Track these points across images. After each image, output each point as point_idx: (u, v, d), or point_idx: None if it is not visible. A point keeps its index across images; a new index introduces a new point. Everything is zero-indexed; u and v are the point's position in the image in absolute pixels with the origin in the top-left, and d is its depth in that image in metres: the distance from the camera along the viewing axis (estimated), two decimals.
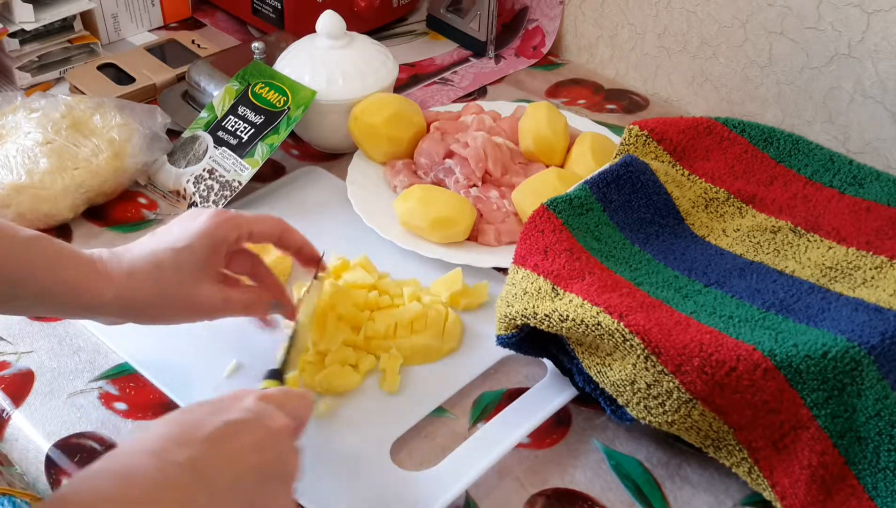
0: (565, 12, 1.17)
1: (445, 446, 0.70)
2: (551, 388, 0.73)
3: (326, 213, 0.91)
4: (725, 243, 0.76)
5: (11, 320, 0.80)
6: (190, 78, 1.01)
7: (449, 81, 1.13)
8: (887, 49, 0.90)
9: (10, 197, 0.86)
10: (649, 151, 0.81)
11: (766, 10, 0.98)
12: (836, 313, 0.67)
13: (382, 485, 0.67)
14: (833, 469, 0.63)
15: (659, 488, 0.68)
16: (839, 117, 0.97)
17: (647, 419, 0.66)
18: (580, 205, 0.75)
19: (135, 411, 0.73)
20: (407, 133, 0.94)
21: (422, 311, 0.76)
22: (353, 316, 0.76)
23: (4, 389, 0.74)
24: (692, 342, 0.63)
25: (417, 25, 1.25)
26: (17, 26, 1.05)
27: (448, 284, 0.80)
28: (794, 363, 0.62)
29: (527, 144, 0.93)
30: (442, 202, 0.85)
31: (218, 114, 0.94)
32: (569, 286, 0.68)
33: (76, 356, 0.77)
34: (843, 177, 0.79)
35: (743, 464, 0.65)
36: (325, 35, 0.95)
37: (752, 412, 0.63)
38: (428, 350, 0.76)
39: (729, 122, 0.83)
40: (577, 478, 0.69)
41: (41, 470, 0.70)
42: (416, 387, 0.74)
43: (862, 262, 0.72)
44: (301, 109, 0.92)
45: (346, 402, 0.73)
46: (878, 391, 0.63)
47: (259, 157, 0.90)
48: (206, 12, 1.25)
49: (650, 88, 1.13)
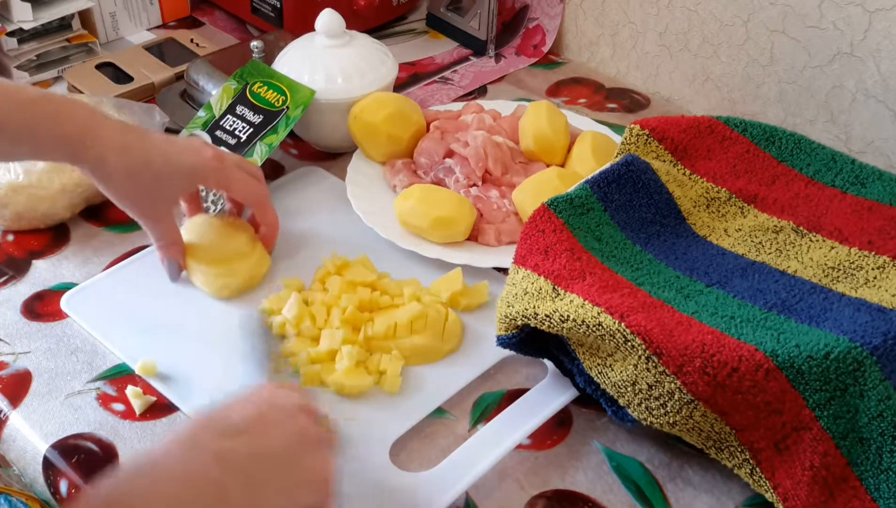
0: (566, 11, 1.16)
1: (445, 447, 0.70)
2: (551, 389, 0.73)
3: (326, 213, 0.90)
4: (727, 243, 0.76)
5: (9, 320, 0.80)
6: (188, 77, 1.01)
7: (449, 80, 1.13)
8: (889, 48, 0.90)
9: (7, 197, 0.85)
10: (650, 150, 0.81)
11: (768, 8, 0.97)
12: (839, 313, 0.67)
13: (382, 486, 0.66)
14: (835, 470, 0.63)
15: (660, 489, 0.68)
16: (841, 116, 0.97)
17: (649, 421, 0.66)
18: (581, 205, 0.74)
19: (132, 412, 0.72)
20: (407, 132, 0.94)
21: (422, 311, 0.76)
22: (354, 316, 0.76)
23: (2, 390, 0.74)
24: (694, 342, 0.62)
25: (417, 24, 1.25)
26: (16, 25, 1.04)
27: (448, 284, 0.80)
28: (797, 364, 0.62)
29: (527, 143, 0.92)
30: (442, 202, 0.85)
31: (216, 113, 0.93)
32: (569, 287, 0.68)
33: (74, 356, 0.77)
34: (845, 177, 0.79)
35: (745, 465, 0.65)
36: (324, 34, 0.95)
37: (754, 413, 0.63)
38: (428, 351, 0.75)
39: (730, 121, 0.83)
40: (578, 480, 0.68)
41: (38, 471, 0.70)
42: (416, 388, 0.74)
43: (864, 262, 0.72)
44: (300, 109, 0.91)
45: (346, 401, 0.72)
46: (880, 391, 0.63)
47: (258, 156, 0.90)
48: (204, 11, 1.25)
49: (651, 86, 1.12)
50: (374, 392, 0.73)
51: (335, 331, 0.75)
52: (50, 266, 0.85)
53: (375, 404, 0.72)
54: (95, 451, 0.70)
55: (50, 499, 0.70)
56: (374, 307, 0.78)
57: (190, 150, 0.78)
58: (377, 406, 0.72)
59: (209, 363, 0.75)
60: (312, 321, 0.76)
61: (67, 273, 0.84)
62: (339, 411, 0.71)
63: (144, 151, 0.75)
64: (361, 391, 0.73)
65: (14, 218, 0.87)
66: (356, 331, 0.76)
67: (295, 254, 0.86)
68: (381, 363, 0.74)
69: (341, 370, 0.73)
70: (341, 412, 0.71)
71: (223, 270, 0.80)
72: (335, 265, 0.81)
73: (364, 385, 0.73)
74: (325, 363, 0.74)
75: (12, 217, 0.87)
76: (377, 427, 0.70)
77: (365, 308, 0.77)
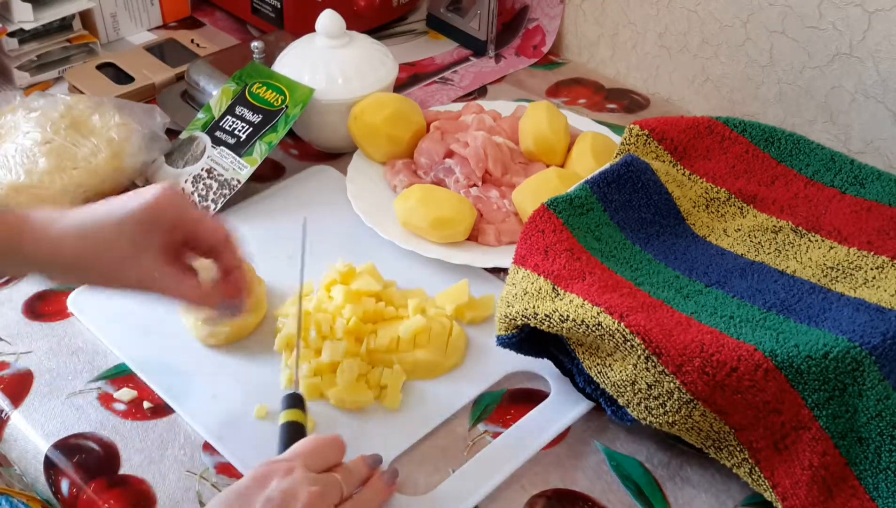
0: (566, 11, 1.17)
1: (445, 447, 0.70)
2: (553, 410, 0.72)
3: (328, 214, 0.90)
4: (726, 243, 0.76)
5: (10, 320, 0.80)
6: (189, 77, 1.01)
7: (449, 81, 1.13)
8: (889, 49, 0.90)
9: (8, 197, 0.85)
10: (650, 150, 0.81)
11: (768, 9, 0.97)
12: (838, 313, 0.67)
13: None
14: (834, 469, 0.63)
15: (660, 489, 0.68)
16: (840, 117, 0.97)
17: (648, 420, 0.66)
18: (581, 205, 0.74)
19: (133, 411, 0.72)
20: (407, 133, 0.94)
21: (425, 325, 0.74)
22: (357, 327, 0.75)
23: (3, 389, 0.74)
24: (693, 342, 0.62)
25: (417, 25, 1.25)
26: (16, 26, 1.05)
27: (454, 296, 0.79)
28: (796, 364, 0.62)
29: (527, 143, 0.92)
30: (442, 202, 0.85)
31: (215, 115, 0.94)
32: (569, 287, 0.68)
33: (75, 356, 0.77)
34: (844, 177, 0.79)
35: (744, 465, 0.65)
36: (324, 34, 0.95)
37: (753, 413, 0.63)
38: (430, 365, 0.74)
39: (730, 121, 0.83)
40: (578, 479, 0.68)
41: (40, 471, 0.70)
42: (416, 404, 0.73)
43: (863, 262, 0.72)
44: (299, 107, 0.92)
45: (344, 417, 0.72)
46: (879, 391, 0.63)
47: (258, 155, 0.90)
48: (205, 12, 1.25)
49: (651, 87, 1.13)
50: (373, 408, 0.72)
51: (337, 343, 0.74)
52: None
53: (374, 419, 0.72)
54: (97, 451, 0.70)
55: (51, 499, 0.70)
56: (377, 319, 0.77)
57: (134, 195, 0.66)
58: (376, 422, 0.71)
59: (209, 364, 0.75)
60: (318, 330, 0.75)
61: None
62: (336, 426, 0.71)
63: (78, 224, 0.65)
64: (361, 407, 0.72)
65: None
66: (359, 342, 0.75)
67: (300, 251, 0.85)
68: (383, 377, 0.73)
69: (342, 384, 0.72)
70: (339, 429, 0.70)
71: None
72: (341, 273, 0.80)
73: (364, 401, 0.72)
74: (325, 375, 0.73)
75: None
76: (374, 445, 0.69)
77: (369, 319, 0.76)
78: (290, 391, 0.69)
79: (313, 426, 0.70)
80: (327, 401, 0.72)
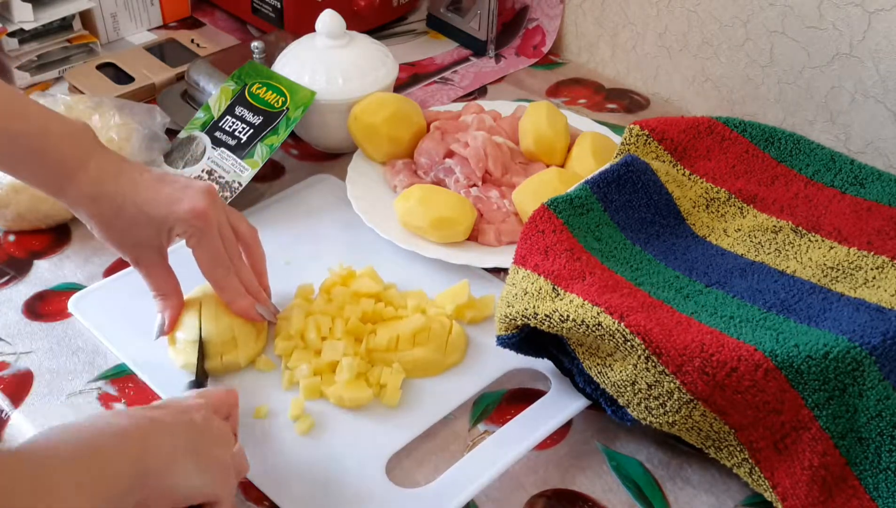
0: (566, 11, 1.17)
1: (444, 447, 0.70)
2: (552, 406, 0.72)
3: (328, 218, 0.90)
4: (726, 243, 0.76)
5: (10, 320, 0.80)
6: (189, 77, 1.01)
7: (449, 81, 1.13)
8: (888, 48, 0.90)
9: (8, 197, 0.85)
10: (650, 150, 0.81)
11: (767, 9, 0.97)
12: (838, 313, 0.67)
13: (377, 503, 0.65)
14: (834, 469, 0.63)
15: (660, 489, 0.68)
16: (840, 117, 0.97)
17: (648, 420, 0.66)
18: (581, 205, 0.74)
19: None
20: (407, 133, 0.94)
21: (424, 324, 0.74)
22: (356, 327, 0.75)
23: (3, 389, 0.74)
24: (693, 342, 0.62)
25: (417, 25, 1.25)
26: (16, 26, 1.05)
27: (454, 296, 0.79)
28: (796, 364, 0.62)
29: (527, 143, 0.92)
30: (442, 202, 0.85)
31: (214, 114, 0.93)
32: (569, 287, 0.68)
33: (75, 356, 0.77)
34: (844, 177, 0.79)
35: (744, 465, 0.65)
36: (324, 34, 0.95)
37: (753, 413, 0.63)
38: (430, 364, 0.74)
39: (730, 121, 0.83)
40: (578, 479, 0.68)
41: None
42: (415, 401, 0.73)
43: (863, 262, 0.72)
44: (300, 110, 0.92)
45: (343, 414, 0.72)
46: (879, 391, 0.63)
47: (259, 158, 0.90)
48: (205, 12, 1.25)
49: (651, 87, 1.13)
50: (372, 405, 0.72)
51: (336, 342, 0.74)
52: (51, 266, 0.85)
53: (373, 417, 0.72)
54: None
55: None
56: (377, 319, 0.77)
57: (170, 198, 0.70)
58: (375, 420, 0.71)
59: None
60: (317, 331, 0.74)
61: (69, 273, 0.85)
62: (335, 424, 0.71)
63: (116, 202, 0.70)
64: (360, 404, 0.72)
65: (15, 218, 0.87)
66: (358, 342, 0.75)
67: (301, 257, 0.85)
68: (382, 376, 0.73)
69: (341, 382, 0.72)
70: (338, 426, 0.71)
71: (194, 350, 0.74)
72: (341, 276, 0.80)
73: (363, 398, 0.72)
74: (325, 375, 0.73)
75: (14, 217, 0.87)
76: (373, 442, 0.69)
77: (368, 320, 0.76)
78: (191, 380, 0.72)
79: (312, 424, 0.70)
80: (326, 399, 0.72)
